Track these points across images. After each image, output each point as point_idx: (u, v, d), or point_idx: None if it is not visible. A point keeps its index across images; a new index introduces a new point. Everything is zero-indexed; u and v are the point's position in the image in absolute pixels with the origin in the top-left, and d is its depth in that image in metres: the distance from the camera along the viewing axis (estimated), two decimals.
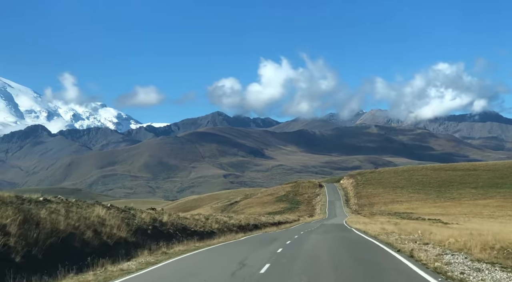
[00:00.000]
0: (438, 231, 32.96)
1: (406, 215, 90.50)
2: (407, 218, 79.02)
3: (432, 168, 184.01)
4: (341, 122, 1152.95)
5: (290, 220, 78.79)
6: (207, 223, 33.89)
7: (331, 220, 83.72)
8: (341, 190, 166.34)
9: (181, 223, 28.50)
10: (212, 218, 38.15)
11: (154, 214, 26.58)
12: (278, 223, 63.25)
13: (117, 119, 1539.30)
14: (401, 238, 28.97)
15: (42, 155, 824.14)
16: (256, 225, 49.60)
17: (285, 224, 65.89)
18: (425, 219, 71.76)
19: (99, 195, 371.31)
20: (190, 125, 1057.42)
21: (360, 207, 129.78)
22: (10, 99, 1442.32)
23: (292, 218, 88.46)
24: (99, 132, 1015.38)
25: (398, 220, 64.39)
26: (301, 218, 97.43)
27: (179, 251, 21.41)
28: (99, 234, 17.41)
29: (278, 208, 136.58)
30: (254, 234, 38.30)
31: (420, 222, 58.56)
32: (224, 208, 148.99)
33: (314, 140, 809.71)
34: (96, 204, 21.61)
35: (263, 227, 50.55)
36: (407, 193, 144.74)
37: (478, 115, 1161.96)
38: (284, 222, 69.80)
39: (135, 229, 20.99)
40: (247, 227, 44.09)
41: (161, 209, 32.34)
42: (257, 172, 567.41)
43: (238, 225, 41.99)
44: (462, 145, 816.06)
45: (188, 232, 28.05)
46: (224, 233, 33.78)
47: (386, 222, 57.79)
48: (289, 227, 56.30)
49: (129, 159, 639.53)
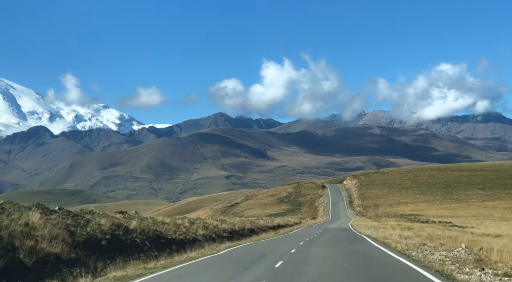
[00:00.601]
0: (476, 240, 26.64)
1: (413, 217, 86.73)
2: (416, 220, 75.25)
3: (438, 168, 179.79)
4: (343, 123, 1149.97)
5: (291, 223, 73.77)
6: (191, 228, 29.54)
7: (335, 223, 79.36)
8: (345, 191, 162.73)
9: (156, 229, 24.02)
10: (200, 222, 33.75)
11: (121, 219, 22.39)
12: (277, 226, 59.03)
13: (119, 121, 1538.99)
14: (444, 257, 20.40)
15: (44, 156, 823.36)
16: (253, 229, 45.05)
17: (285, 227, 61.13)
18: (435, 221, 68.11)
19: (101, 196, 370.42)
20: (192, 127, 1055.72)
21: (365, 208, 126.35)
22: (12, 101, 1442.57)
23: (293, 220, 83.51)
24: (101, 133, 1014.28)
25: (408, 223, 60.68)
26: (303, 221, 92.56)
27: (113, 278, 15.49)
28: (12, 250, 12.80)
29: (279, 209, 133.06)
30: (243, 243, 31.76)
31: (431, 225, 54.01)
32: (224, 209, 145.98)
33: (317, 141, 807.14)
34: (34, 208, 16.95)
35: (260, 232, 45.44)
36: (413, 194, 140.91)
37: (481, 116, 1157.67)
38: (284, 225, 65.21)
39: (83, 240, 16.44)
40: (241, 233, 39.75)
41: (135, 213, 27.71)
42: (259, 173, 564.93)
43: (230, 230, 37.46)
44: (465, 146, 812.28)
45: (163, 241, 23.43)
46: (210, 241, 29.33)
47: (397, 225, 53.44)
48: (288, 232, 50.91)
49: (131, 160, 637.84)
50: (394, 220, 78.30)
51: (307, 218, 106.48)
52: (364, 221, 78.03)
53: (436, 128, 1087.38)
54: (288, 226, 65.49)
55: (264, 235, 42.83)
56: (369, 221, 77.56)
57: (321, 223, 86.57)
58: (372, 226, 55.34)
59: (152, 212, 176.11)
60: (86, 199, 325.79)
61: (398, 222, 66.05)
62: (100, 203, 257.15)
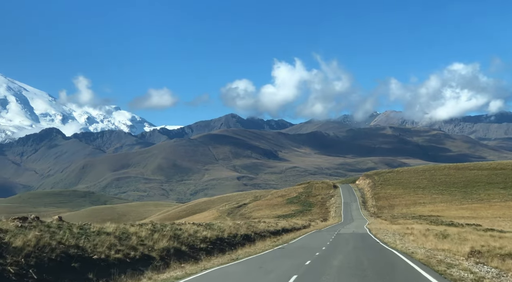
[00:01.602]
0: None
1: (434, 219, 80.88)
2: (439, 222, 68.81)
3: (455, 167, 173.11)
4: (355, 124, 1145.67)
5: (298, 226, 65.23)
6: (148, 240, 21.41)
7: (349, 226, 72.55)
8: (357, 191, 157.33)
9: (76, 245, 16.21)
10: (170, 229, 25.50)
11: (16, 225, 15.49)
12: (281, 231, 51.14)
13: (131, 122, 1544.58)
14: None
15: (56, 158, 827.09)
16: (248, 235, 36.61)
17: (289, 232, 52.48)
18: (462, 224, 61.78)
19: (111, 198, 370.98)
20: (203, 128, 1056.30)
21: (379, 209, 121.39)
22: (25, 103, 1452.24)
23: (301, 223, 74.70)
24: (113, 135, 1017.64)
25: (435, 226, 53.90)
26: (312, 223, 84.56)
27: None
28: None
29: (288, 210, 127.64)
30: (213, 265, 21.72)
31: (465, 230, 45.56)
32: (231, 210, 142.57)
33: (328, 142, 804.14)
34: None
35: (257, 239, 37.18)
36: (430, 194, 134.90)
37: (494, 116, 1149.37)
38: (289, 229, 57.28)
39: None
40: (231, 241, 31.37)
41: (58, 217, 20.30)
42: (270, 174, 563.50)
43: (215, 238, 28.75)
44: (478, 146, 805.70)
45: (75, 266, 15.31)
46: (175, 258, 21.47)
47: (426, 230, 42.77)
48: (290, 240, 40.26)
49: (142, 161, 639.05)
50: (415, 222, 72.87)
51: (317, 220, 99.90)
52: (381, 224, 72.12)
53: (449, 129, 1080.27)
54: (294, 230, 57.83)
55: (258, 246, 33.50)
56: (386, 223, 72.01)
57: (332, 225, 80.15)
58: (395, 231, 47.69)
59: (161, 213, 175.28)
60: (97, 201, 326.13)
61: (424, 225, 59.43)
62: (111, 204, 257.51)
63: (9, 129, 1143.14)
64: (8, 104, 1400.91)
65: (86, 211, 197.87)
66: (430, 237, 35.41)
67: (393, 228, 54.39)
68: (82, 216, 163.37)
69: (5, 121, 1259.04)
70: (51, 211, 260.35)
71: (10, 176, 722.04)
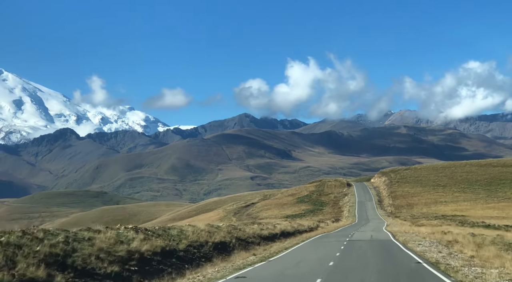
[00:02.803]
0: None
1: (461, 219, 74.89)
2: (471, 224, 61.89)
3: (477, 164, 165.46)
4: (369, 123, 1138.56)
5: (302, 228, 55.86)
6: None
7: (365, 228, 64.06)
8: (373, 189, 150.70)
9: None
10: (62, 236, 17.78)
11: None
12: (278, 235, 41.53)
13: (144, 122, 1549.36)
14: None
15: (70, 158, 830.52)
16: (225, 243, 28.89)
17: (288, 238, 42.53)
18: (499, 226, 54.74)
19: (125, 198, 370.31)
20: (217, 128, 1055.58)
21: (397, 208, 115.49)
22: (40, 104, 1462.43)
23: (307, 224, 65.09)
24: (127, 135, 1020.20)
25: (474, 230, 45.14)
26: (321, 224, 75.75)
27: None
28: None
29: (298, 210, 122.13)
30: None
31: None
32: (238, 210, 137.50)
33: (342, 141, 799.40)
34: None
35: (239, 248, 29.48)
36: (451, 192, 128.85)
37: (510, 114, 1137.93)
38: (291, 232, 47.74)
39: None
40: (190, 254, 23.27)
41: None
42: (284, 174, 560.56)
43: (159, 250, 20.79)
44: (495, 145, 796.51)
45: None
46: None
47: (470, 236, 33.94)
48: (278, 253, 29.28)
49: (156, 161, 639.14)
50: (442, 223, 65.41)
51: (327, 220, 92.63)
52: (402, 225, 63.75)
53: (464, 128, 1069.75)
54: (297, 234, 48.39)
55: (236, 260, 24.96)
56: (408, 225, 64.01)
57: (345, 227, 71.93)
58: (428, 236, 37.61)
59: (172, 213, 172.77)
60: (110, 201, 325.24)
61: (457, 227, 50.64)
62: (124, 204, 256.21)
63: (24, 130, 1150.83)
64: (23, 105, 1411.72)
65: (97, 211, 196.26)
66: (492, 249, 24.53)
67: (422, 231, 45.27)
68: (93, 216, 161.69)
69: (20, 122, 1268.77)
70: (63, 211, 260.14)
71: (25, 176, 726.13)
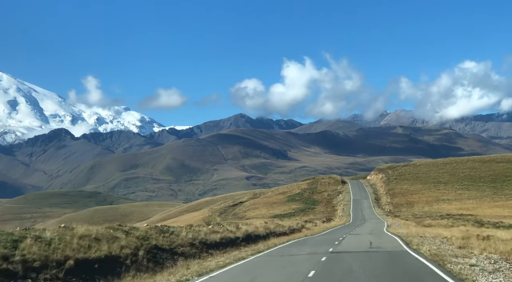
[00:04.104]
0: None
1: (472, 219, 68.21)
2: (489, 224, 54.64)
3: (480, 160, 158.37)
4: (365, 123, 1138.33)
5: (281, 230, 44.90)
6: None
7: (360, 229, 54.53)
8: (369, 187, 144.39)
9: None
10: None
11: None
12: (238, 240, 32.20)
13: (140, 123, 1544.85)
14: None
15: (65, 159, 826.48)
16: (115, 260, 19.25)
17: (254, 243, 33.08)
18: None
19: (119, 198, 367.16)
20: (212, 128, 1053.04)
21: (396, 207, 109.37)
22: (35, 104, 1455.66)
23: (289, 225, 54.72)
24: (122, 135, 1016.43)
25: (507, 232, 35.89)
26: (308, 224, 65.18)
27: None
28: None
29: (288, 209, 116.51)
30: None
31: None
32: (224, 209, 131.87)
33: (338, 141, 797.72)
34: None
35: (149, 267, 20.28)
36: (454, 189, 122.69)
37: (506, 114, 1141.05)
38: (263, 236, 37.49)
39: None
40: None
41: None
42: (280, 174, 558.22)
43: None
44: (490, 145, 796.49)
45: None
46: None
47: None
48: (212, 272, 19.94)
49: (151, 161, 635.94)
50: (452, 223, 57.33)
51: (317, 220, 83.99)
52: (407, 227, 53.69)
53: (460, 128, 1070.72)
54: (271, 237, 38.41)
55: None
56: (414, 226, 55.53)
57: (336, 228, 62.34)
58: (473, 246, 26.01)
59: (164, 213, 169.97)
60: (103, 201, 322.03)
61: (480, 229, 41.55)
62: (117, 205, 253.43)
63: (19, 131, 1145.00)
64: (18, 106, 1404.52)
65: (89, 212, 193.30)
66: None
67: (442, 234, 33.92)
68: (84, 217, 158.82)
69: (15, 122, 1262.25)
70: (56, 211, 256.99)
71: (19, 177, 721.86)
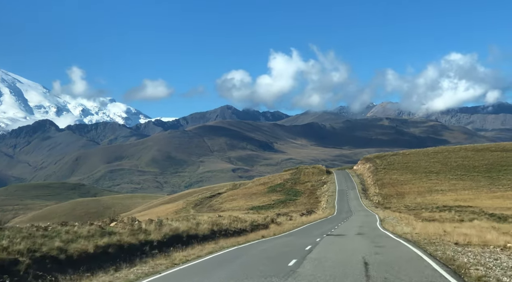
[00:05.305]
0: None
1: (476, 211, 61.76)
2: (500, 217, 49.13)
3: (473, 149, 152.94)
4: (351, 115, 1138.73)
5: (241, 227, 34.99)
6: None
7: (345, 226, 43.50)
8: (356, 177, 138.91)
9: None
10: None
11: None
12: (138, 246, 20.74)
13: (126, 114, 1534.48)
14: None
15: (50, 150, 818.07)
16: None
17: (177, 250, 21.75)
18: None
19: (103, 190, 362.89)
20: (199, 119, 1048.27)
21: (385, 198, 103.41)
22: (19, 95, 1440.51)
23: (253, 219, 43.55)
24: (107, 127, 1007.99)
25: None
26: (280, 218, 55.41)
27: None
28: None
29: (268, 200, 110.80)
30: None
31: None
32: (200, 201, 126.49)
33: (325, 133, 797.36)
34: None
35: None
36: (447, 179, 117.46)
37: (491, 106, 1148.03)
38: (203, 236, 26.85)
39: None
40: None
41: None
42: (266, 166, 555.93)
43: None
44: (476, 137, 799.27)
45: None
46: None
47: None
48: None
49: (136, 153, 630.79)
50: (456, 216, 50.89)
51: (295, 213, 74.81)
52: (410, 222, 43.30)
53: (446, 120, 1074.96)
54: (217, 238, 28.06)
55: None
56: (412, 219, 47.78)
57: (315, 222, 53.64)
58: None
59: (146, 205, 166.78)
60: (87, 193, 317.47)
61: (500, 223, 36.72)
62: (101, 196, 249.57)
63: (3, 122, 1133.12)
64: (2, 96, 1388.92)
65: (70, 204, 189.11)
66: None
67: (486, 239, 22.93)
68: (65, 209, 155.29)
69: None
70: (38, 203, 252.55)
71: (3, 168, 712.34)
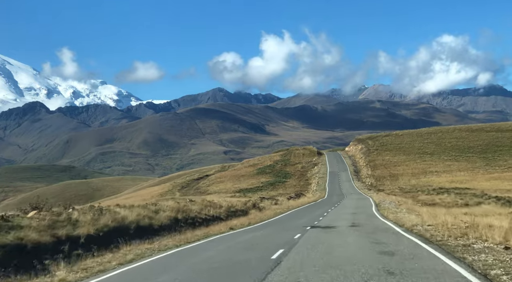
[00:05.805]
0: None
1: (479, 194, 59.62)
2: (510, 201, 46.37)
3: (467, 129, 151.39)
4: (343, 98, 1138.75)
5: (214, 213, 30.55)
6: None
7: (336, 212, 38.11)
8: (347, 159, 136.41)
9: None
10: None
11: None
12: None
13: (117, 97, 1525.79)
14: None
15: (40, 132, 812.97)
16: None
17: (112, 251, 16.71)
18: None
19: (93, 173, 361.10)
20: (190, 102, 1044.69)
21: (378, 180, 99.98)
22: (9, 77, 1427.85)
23: (230, 203, 37.74)
24: (98, 109, 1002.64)
25: None
26: (264, 202, 50.67)
27: None
28: None
29: (256, 182, 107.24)
30: None
31: None
32: (187, 184, 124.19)
33: (316, 116, 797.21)
34: None
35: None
36: (441, 160, 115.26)
37: (482, 89, 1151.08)
38: (161, 227, 22.27)
39: None
40: None
41: None
42: (258, 148, 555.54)
43: None
44: (467, 119, 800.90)
45: None
46: None
47: None
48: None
49: (128, 136, 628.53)
50: (461, 198, 48.38)
51: (281, 196, 70.21)
52: (410, 208, 40.15)
53: (437, 102, 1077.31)
54: (182, 229, 23.43)
55: None
56: (412, 203, 45.58)
57: (303, 207, 49.82)
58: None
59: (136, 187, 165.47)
60: (77, 175, 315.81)
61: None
62: (92, 179, 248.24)
63: None
64: None
65: (59, 186, 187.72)
66: None
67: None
68: (54, 191, 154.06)
69: None
70: (28, 186, 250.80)
71: None
